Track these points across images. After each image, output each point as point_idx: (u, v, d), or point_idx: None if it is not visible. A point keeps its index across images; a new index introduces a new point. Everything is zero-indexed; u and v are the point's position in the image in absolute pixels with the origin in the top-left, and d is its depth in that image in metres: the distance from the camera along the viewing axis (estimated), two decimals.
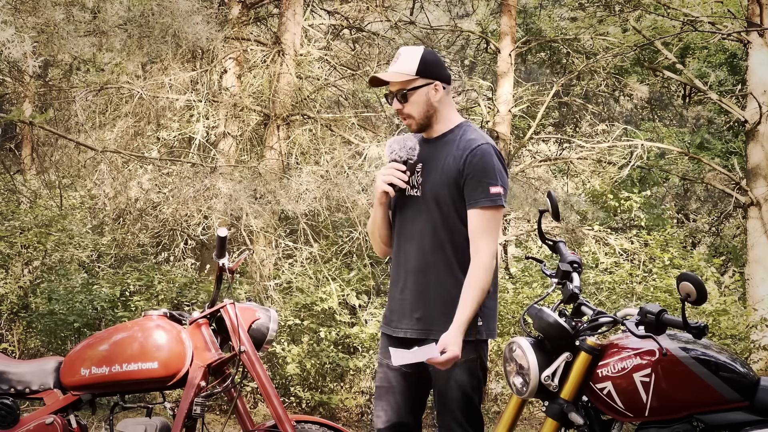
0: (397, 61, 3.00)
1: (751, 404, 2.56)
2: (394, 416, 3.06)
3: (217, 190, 7.79)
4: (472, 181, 2.93)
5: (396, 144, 3.03)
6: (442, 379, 2.95)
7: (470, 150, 2.95)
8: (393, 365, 2.99)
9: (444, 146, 3.03)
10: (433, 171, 3.00)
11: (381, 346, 3.16)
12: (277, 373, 7.68)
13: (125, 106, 8.81)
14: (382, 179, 3.00)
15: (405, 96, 2.99)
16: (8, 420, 3.37)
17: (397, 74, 2.98)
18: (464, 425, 2.94)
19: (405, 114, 3.02)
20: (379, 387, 3.11)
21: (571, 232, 10.18)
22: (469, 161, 2.94)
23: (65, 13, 6.65)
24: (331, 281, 8.02)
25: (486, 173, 2.93)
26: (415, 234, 3.02)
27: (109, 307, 7.79)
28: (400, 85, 2.99)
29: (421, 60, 2.98)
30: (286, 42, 8.72)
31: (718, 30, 11.25)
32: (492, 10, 13.32)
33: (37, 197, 9.55)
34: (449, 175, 2.97)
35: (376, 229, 3.16)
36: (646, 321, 2.59)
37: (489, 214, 2.92)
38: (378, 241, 3.19)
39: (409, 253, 3.03)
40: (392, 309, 3.10)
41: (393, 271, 3.12)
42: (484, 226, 2.91)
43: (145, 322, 3.41)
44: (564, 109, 13.75)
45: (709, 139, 13.59)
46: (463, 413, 2.94)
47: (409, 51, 3.02)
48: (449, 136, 3.05)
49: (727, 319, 8.31)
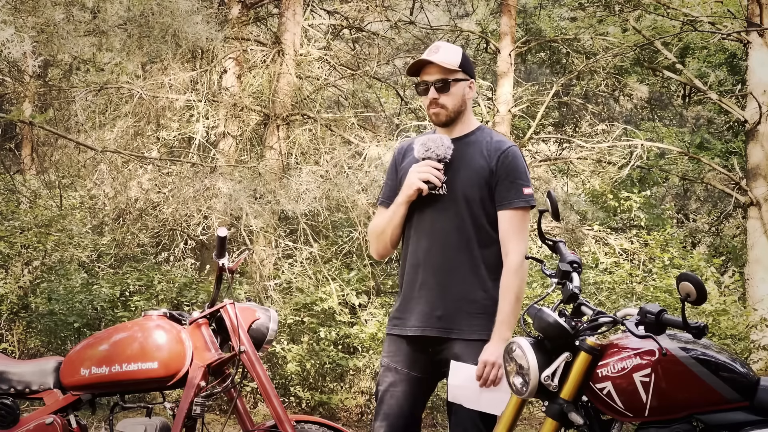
0: (439, 52, 2.98)
1: (751, 404, 2.56)
2: (397, 421, 3.03)
3: (217, 190, 7.79)
4: (506, 182, 2.97)
5: (432, 142, 3.00)
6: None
7: (503, 151, 2.99)
8: (400, 369, 3.01)
9: (468, 146, 3.04)
10: (462, 170, 2.99)
11: (387, 348, 3.10)
12: (277, 373, 7.68)
13: (125, 106, 8.81)
14: (419, 176, 2.95)
15: (447, 86, 2.98)
16: (8, 420, 3.37)
17: (443, 62, 2.96)
18: (480, 426, 2.94)
19: (440, 104, 3.00)
20: (384, 391, 3.06)
21: (571, 232, 10.18)
22: (502, 162, 2.98)
23: (65, 12, 6.65)
24: (331, 281, 8.02)
25: (518, 174, 2.99)
26: (437, 232, 2.98)
27: (109, 307, 7.79)
28: (443, 74, 2.98)
29: (463, 55, 3.02)
30: (286, 42, 8.72)
31: (718, 30, 11.25)
32: (492, 10, 13.33)
33: (37, 197, 9.54)
34: (480, 174, 2.97)
35: (390, 228, 3.08)
36: (646, 321, 2.59)
37: (521, 214, 2.98)
38: (386, 241, 3.12)
39: (431, 251, 2.99)
40: (405, 308, 3.05)
41: (408, 269, 3.06)
42: (517, 226, 2.97)
43: (145, 322, 3.41)
44: (564, 109, 13.75)
45: (709, 139, 13.59)
46: (480, 414, 2.94)
47: (449, 45, 3.03)
48: (472, 137, 3.06)
49: (727, 319, 8.31)
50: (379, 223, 3.13)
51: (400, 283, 3.14)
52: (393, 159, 3.24)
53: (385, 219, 3.10)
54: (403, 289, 3.09)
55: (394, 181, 3.17)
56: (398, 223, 3.06)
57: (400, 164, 3.17)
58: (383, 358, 3.13)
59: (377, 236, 3.14)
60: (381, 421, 3.05)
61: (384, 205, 3.16)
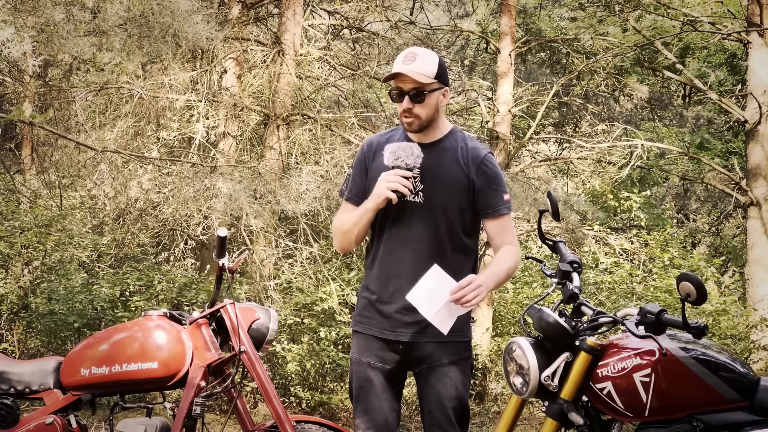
0: (415, 61, 2.95)
1: (751, 404, 2.56)
2: (377, 416, 3.04)
3: (217, 190, 7.79)
4: (488, 191, 3.01)
5: (401, 151, 2.99)
6: (437, 378, 2.96)
7: (481, 159, 3.03)
8: (373, 363, 3.01)
9: (443, 153, 3.03)
10: (438, 178, 2.99)
11: (356, 345, 3.11)
12: (277, 373, 7.68)
13: (125, 106, 8.81)
14: (387, 186, 2.94)
15: (421, 96, 2.96)
16: (8, 420, 3.37)
17: (419, 74, 2.94)
18: (455, 424, 2.96)
19: (414, 114, 2.98)
20: (359, 388, 3.06)
21: (571, 232, 10.18)
22: (483, 171, 3.01)
23: (65, 12, 6.64)
24: (331, 281, 8.02)
25: (498, 182, 3.05)
26: (412, 240, 2.99)
27: (109, 307, 7.79)
28: (418, 85, 2.95)
29: (439, 64, 2.99)
30: (286, 42, 8.72)
31: (718, 30, 11.25)
32: (492, 10, 13.33)
33: (37, 197, 9.54)
34: (458, 183, 2.98)
35: (357, 229, 3.06)
36: (646, 321, 2.59)
37: (507, 219, 3.05)
38: (351, 239, 3.10)
39: (405, 259, 3.00)
40: (375, 309, 3.04)
41: (379, 273, 3.05)
42: (508, 228, 3.05)
43: (145, 322, 3.41)
44: (564, 109, 13.75)
45: (709, 139, 13.59)
46: (455, 412, 2.96)
47: (426, 53, 2.99)
48: (445, 143, 3.06)
49: (727, 319, 8.32)
50: (345, 221, 3.11)
51: (367, 282, 3.11)
52: (361, 154, 3.18)
53: (351, 220, 3.08)
54: (373, 290, 3.07)
55: (362, 178, 3.13)
56: (364, 225, 3.06)
57: (370, 163, 3.12)
58: (353, 353, 3.12)
59: (342, 233, 3.12)
60: (360, 417, 3.06)
61: (351, 201, 3.13)
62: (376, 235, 3.11)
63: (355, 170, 3.18)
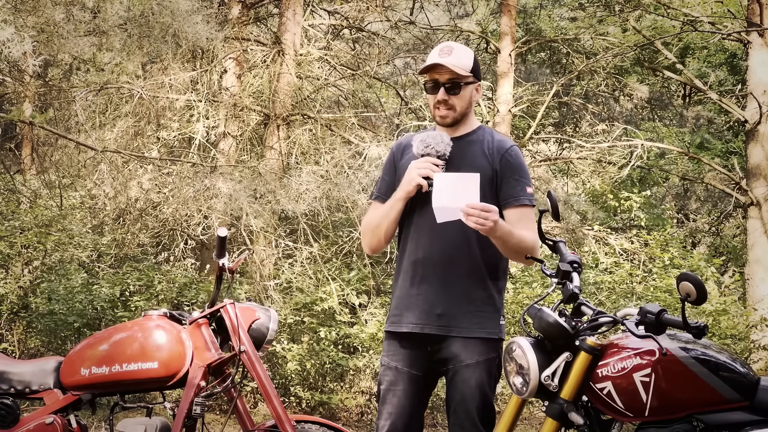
0: (452, 54, 2.99)
1: (751, 404, 2.56)
2: (400, 420, 3.03)
3: (217, 190, 7.79)
4: (511, 180, 3.01)
5: (431, 139, 3.01)
6: (462, 379, 2.96)
7: (506, 150, 3.04)
8: (400, 368, 3.01)
9: (470, 145, 3.06)
10: (464, 168, 2.98)
11: (386, 347, 3.10)
12: (277, 373, 7.68)
13: (125, 106, 8.82)
14: (418, 172, 2.95)
15: (457, 88, 3.00)
16: (8, 420, 3.37)
17: (455, 66, 2.98)
18: (479, 426, 2.95)
19: (449, 105, 3.02)
20: (386, 390, 3.06)
21: (571, 232, 10.19)
22: (506, 160, 3.02)
23: (65, 12, 6.64)
24: (331, 281, 8.02)
25: (522, 173, 3.04)
26: (437, 229, 2.97)
27: (109, 307, 7.79)
28: (455, 77, 2.99)
29: (474, 59, 3.05)
30: (286, 42, 8.72)
31: (718, 30, 11.26)
32: (492, 10, 13.33)
33: (37, 197, 9.54)
34: (483, 173, 2.96)
35: (386, 222, 3.06)
36: (646, 321, 2.59)
37: (528, 211, 3.03)
38: (380, 235, 3.09)
39: (432, 248, 3.00)
40: (403, 304, 3.04)
41: (407, 266, 3.06)
42: (527, 219, 3.01)
43: (145, 322, 3.41)
44: (564, 109, 13.75)
45: (709, 139, 13.59)
46: (479, 413, 2.95)
47: (462, 47, 3.05)
48: (473, 137, 3.09)
49: (727, 319, 8.31)
50: (375, 216, 3.12)
51: (396, 279, 3.13)
52: (391, 154, 3.22)
53: (381, 213, 3.08)
54: (400, 285, 3.08)
55: (392, 176, 3.15)
56: (394, 218, 3.05)
57: (399, 161, 3.15)
58: (383, 357, 3.12)
59: (372, 230, 3.12)
60: (385, 421, 3.05)
61: (379, 200, 3.15)
62: (404, 227, 3.10)
63: (384, 170, 3.21)
